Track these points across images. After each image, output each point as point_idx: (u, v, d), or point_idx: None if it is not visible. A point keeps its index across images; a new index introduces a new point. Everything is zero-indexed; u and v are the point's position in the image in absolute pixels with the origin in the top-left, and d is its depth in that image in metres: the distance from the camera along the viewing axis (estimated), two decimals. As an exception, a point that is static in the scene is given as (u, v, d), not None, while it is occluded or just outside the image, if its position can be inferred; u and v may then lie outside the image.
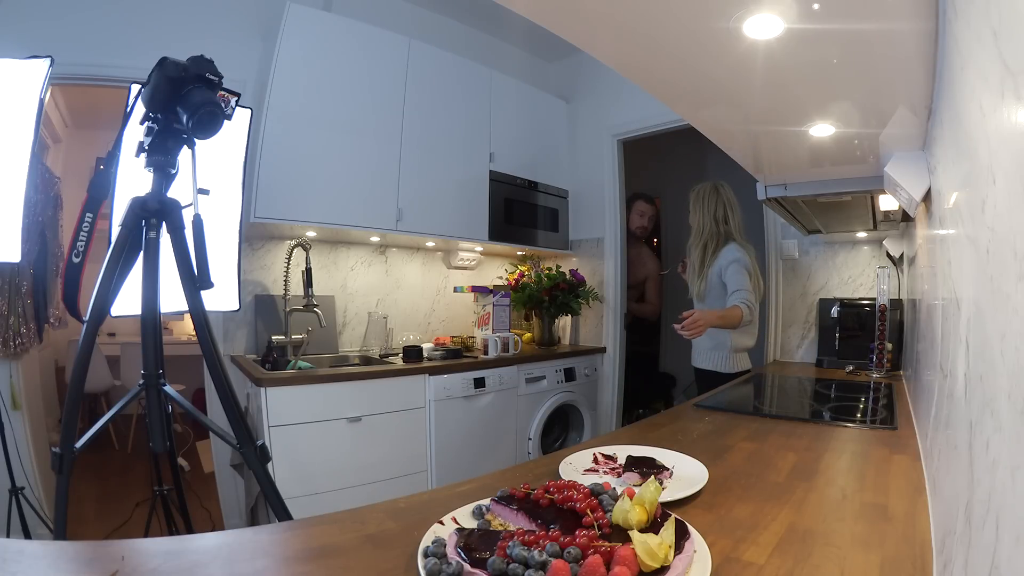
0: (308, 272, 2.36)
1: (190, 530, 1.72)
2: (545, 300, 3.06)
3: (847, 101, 1.08)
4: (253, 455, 1.31)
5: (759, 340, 2.86)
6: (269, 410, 1.89)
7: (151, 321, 1.28)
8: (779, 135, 1.33)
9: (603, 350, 3.25)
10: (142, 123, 1.27)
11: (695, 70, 1.02)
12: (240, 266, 2.15)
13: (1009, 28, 0.37)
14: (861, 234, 2.39)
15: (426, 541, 0.63)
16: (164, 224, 1.27)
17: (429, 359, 2.43)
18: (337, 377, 2.07)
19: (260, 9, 2.42)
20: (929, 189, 1.09)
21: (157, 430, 1.29)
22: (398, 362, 2.41)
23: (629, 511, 0.63)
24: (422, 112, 2.62)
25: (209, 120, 1.23)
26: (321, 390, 2.01)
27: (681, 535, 0.61)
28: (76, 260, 1.31)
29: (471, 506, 0.75)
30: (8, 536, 1.84)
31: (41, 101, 1.70)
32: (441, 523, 0.69)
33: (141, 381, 1.29)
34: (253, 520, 2.18)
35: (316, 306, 2.38)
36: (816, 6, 0.74)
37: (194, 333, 1.32)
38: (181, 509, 1.69)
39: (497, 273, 3.55)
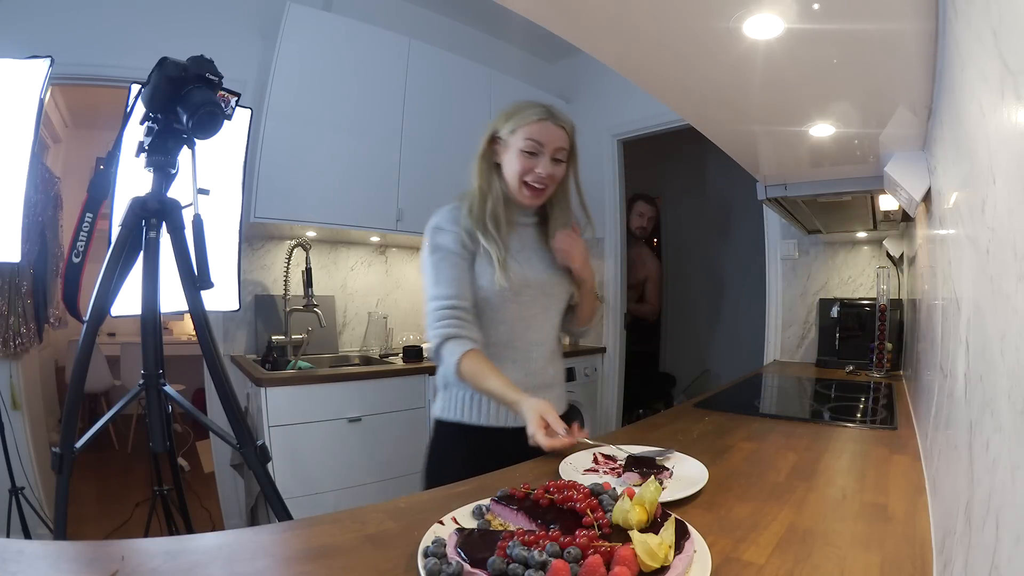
0: (308, 272, 2.37)
1: (190, 530, 1.72)
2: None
3: (847, 101, 1.08)
4: (253, 455, 1.31)
5: (758, 339, 2.86)
6: (269, 410, 1.89)
7: (151, 321, 1.28)
8: (779, 135, 1.33)
9: (603, 350, 3.25)
10: (142, 123, 1.27)
11: (695, 70, 1.03)
12: (240, 266, 2.15)
13: (1009, 28, 0.37)
14: (861, 234, 2.39)
15: (426, 541, 0.63)
16: (164, 224, 1.27)
17: (429, 359, 2.43)
18: (337, 377, 2.07)
19: (260, 9, 2.42)
20: (929, 189, 1.09)
21: (157, 430, 1.29)
22: (398, 362, 2.41)
23: (629, 511, 0.63)
24: (422, 112, 2.62)
25: (209, 120, 1.23)
26: (321, 390, 2.01)
27: (681, 535, 0.61)
28: (76, 260, 1.31)
29: (471, 506, 0.75)
30: (8, 536, 1.84)
31: (41, 101, 1.70)
32: (441, 523, 0.69)
33: (141, 381, 1.29)
34: (253, 520, 2.18)
35: (316, 306, 2.38)
36: (816, 6, 0.74)
37: (194, 333, 1.32)
38: (181, 509, 1.69)
39: (497, 273, 3.54)
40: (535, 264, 1.25)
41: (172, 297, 1.31)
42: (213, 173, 1.86)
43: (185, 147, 1.29)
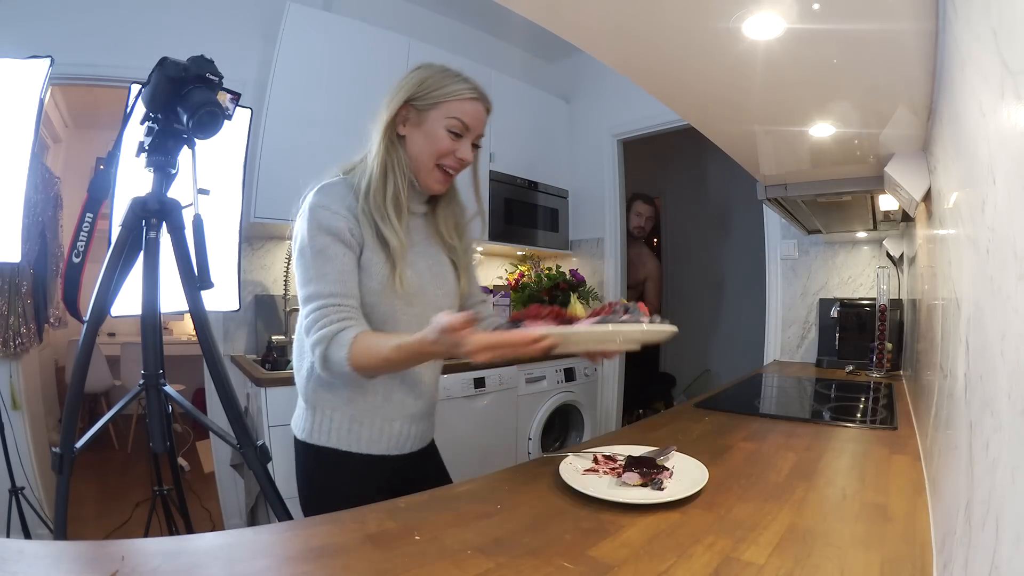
0: (308, 272, 2.36)
1: (190, 530, 1.72)
2: (545, 300, 3.06)
3: (847, 101, 1.08)
4: (253, 455, 1.31)
5: (758, 339, 2.87)
6: (269, 410, 1.89)
7: (151, 321, 1.28)
8: (779, 135, 1.33)
9: (603, 350, 3.25)
10: (142, 123, 1.27)
11: (695, 70, 1.03)
12: (240, 266, 2.15)
13: (1009, 28, 0.37)
14: (861, 234, 2.39)
15: None
16: (164, 224, 1.27)
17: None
18: (337, 377, 2.07)
19: (260, 9, 2.42)
20: (929, 189, 1.09)
21: (157, 430, 1.29)
22: (398, 362, 2.40)
23: (574, 304, 0.94)
24: (422, 112, 2.62)
25: (209, 120, 1.23)
26: (321, 390, 2.00)
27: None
28: (76, 260, 1.31)
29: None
30: (8, 536, 1.84)
31: (41, 101, 1.70)
32: None
33: (141, 381, 1.28)
34: (253, 520, 2.17)
35: (316, 306, 2.38)
36: (816, 6, 0.74)
37: (194, 333, 1.32)
38: (181, 509, 1.69)
39: (497, 273, 3.55)
40: (424, 269, 1.06)
41: (172, 297, 1.31)
42: (213, 173, 1.86)
43: (185, 147, 1.29)
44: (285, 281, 2.42)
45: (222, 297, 2.02)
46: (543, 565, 0.63)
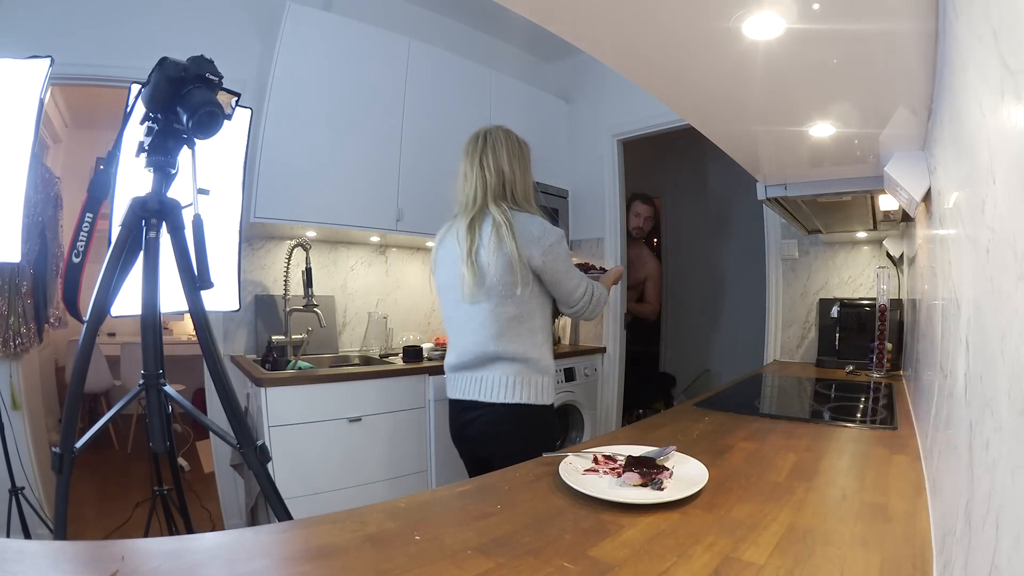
0: (308, 272, 2.36)
1: (190, 530, 1.72)
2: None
3: (847, 101, 1.08)
4: (253, 455, 1.31)
5: (758, 339, 2.87)
6: (269, 410, 1.89)
7: (151, 321, 1.28)
8: (779, 135, 1.33)
9: (603, 350, 3.25)
10: (142, 123, 1.27)
11: (695, 70, 1.02)
12: (240, 266, 2.15)
13: (1009, 28, 0.37)
14: (861, 234, 2.39)
15: None
16: (164, 224, 1.27)
17: (429, 359, 2.43)
18: (337, 377, 2.07)
19: (260, 9, 2.42)
20: (929, 189, 1.09)
21: (157, 430, 1.29)
22: (398, 362, 2.40)
23: None
24: (422, 112, 2.62)
25: (209, 120, 1.23)
26: (321, 390, 2.00)
27: None
28: (76, 260, 1.31)
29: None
30: (8, 536, 1.84)
31: (41, 101, 1.70)
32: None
33: (141, 381, 1.28)
34: (253, 520, 2.18)
35: (316, 306, 2.38)
36: (816, 6, 0.74)
37: (194, 333, 1.32)
38: (181, 509, 1.69)
39: (497, 273, 3.54)
40: None
41: (172, 297, 1.31)
42: (213, 173, 1.86)
43: (185, 147, 1.29)
44: (285, 281, 2.42)
45: (222, 297, 2.02)
46: (543, 565, 0.63)
